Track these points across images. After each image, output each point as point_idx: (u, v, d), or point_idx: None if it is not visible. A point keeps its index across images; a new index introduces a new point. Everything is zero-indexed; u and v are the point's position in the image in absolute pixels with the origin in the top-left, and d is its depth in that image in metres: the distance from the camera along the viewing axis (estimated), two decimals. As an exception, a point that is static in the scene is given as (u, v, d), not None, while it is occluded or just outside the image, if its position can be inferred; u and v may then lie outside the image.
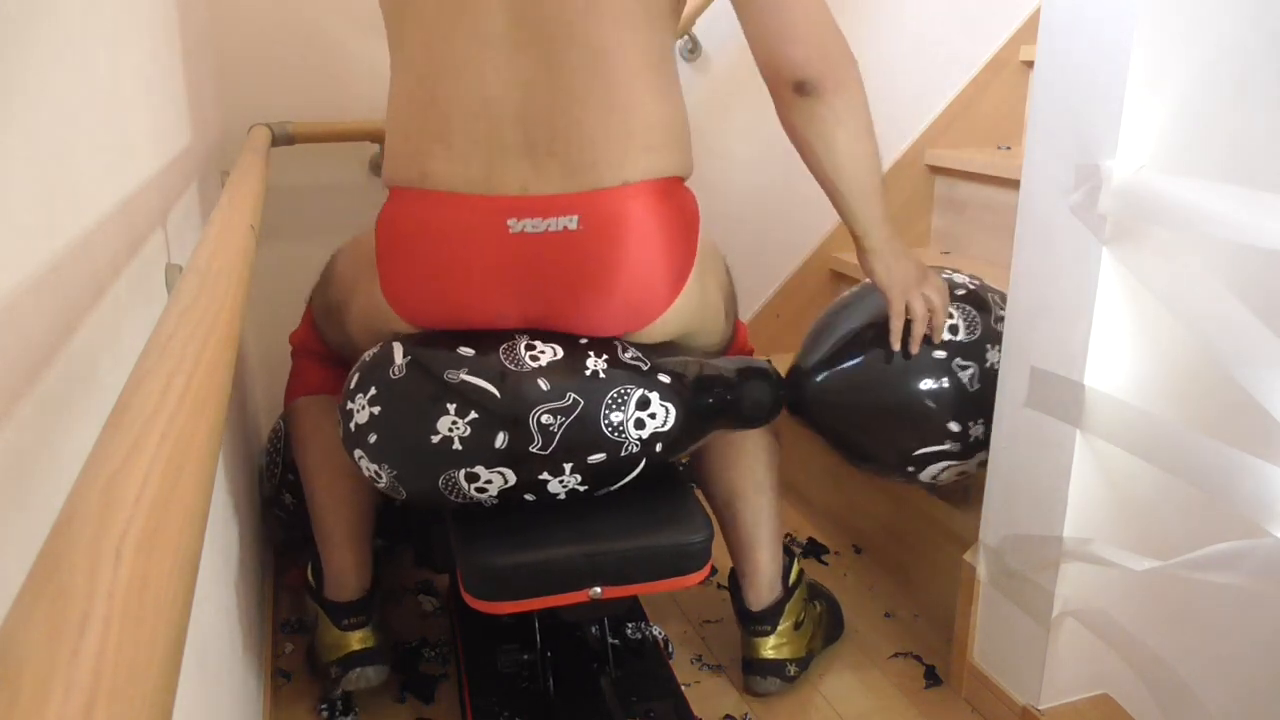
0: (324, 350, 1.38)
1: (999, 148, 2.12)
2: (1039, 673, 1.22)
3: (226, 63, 1.66)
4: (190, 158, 1.12)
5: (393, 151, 1.10)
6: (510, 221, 1.04)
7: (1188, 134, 1.02)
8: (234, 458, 1.25)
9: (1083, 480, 1.13)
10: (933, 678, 1.41)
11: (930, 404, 1.20)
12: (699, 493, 1.30)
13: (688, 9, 1.82)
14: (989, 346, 1.21)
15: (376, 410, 1.03)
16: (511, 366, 1.05)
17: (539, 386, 1.03)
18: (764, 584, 1.33)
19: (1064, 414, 1.11)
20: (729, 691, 1.38)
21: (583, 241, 1.04)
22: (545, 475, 1.04)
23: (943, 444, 1.22)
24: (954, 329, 1.21)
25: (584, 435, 1.03)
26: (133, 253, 0.67)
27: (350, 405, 1.06)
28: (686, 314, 1.15)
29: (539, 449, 1.02)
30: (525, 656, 1.19)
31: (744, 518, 1.33)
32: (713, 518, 1.19)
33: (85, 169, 0.56)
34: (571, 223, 1.04)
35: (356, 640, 1.30)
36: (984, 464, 1.25)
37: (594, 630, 1.26)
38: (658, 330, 1.13)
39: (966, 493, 1.51)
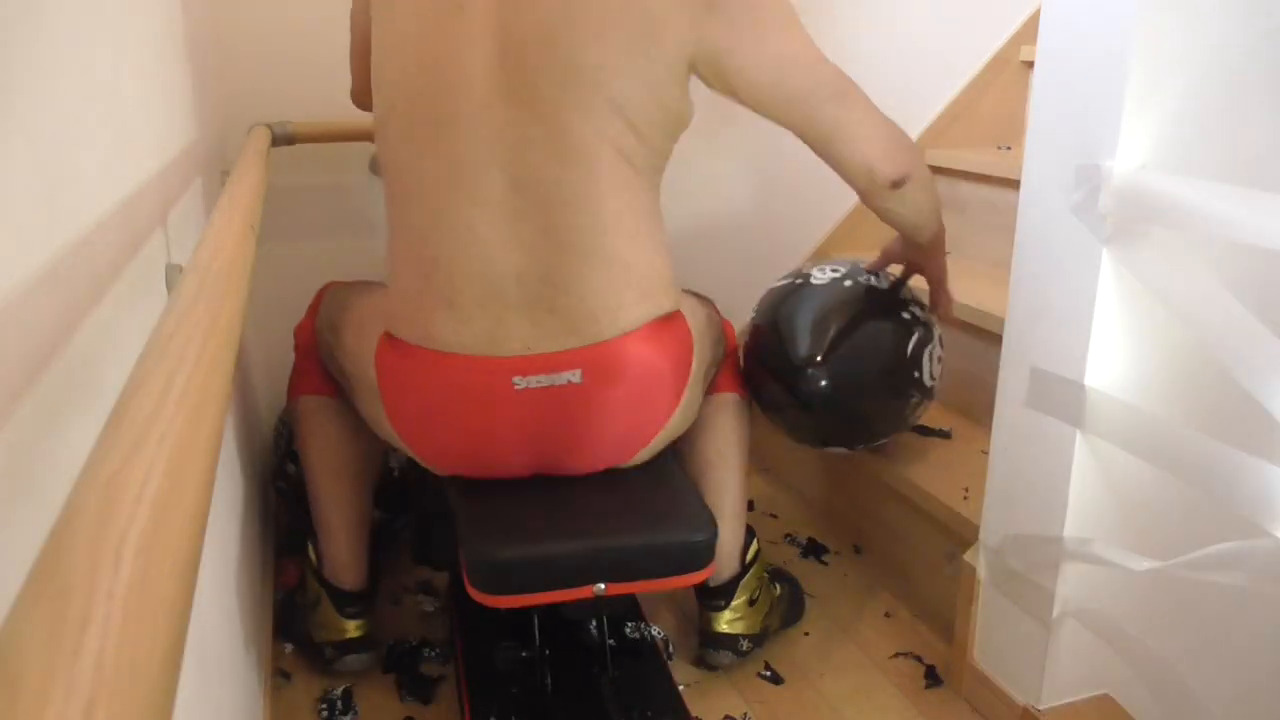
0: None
1: (999, 148, 2.12)
2: (1039, 673, 1.22)
3: (226, 63, 1.66)
4: (190, 157, 1.12)
5: (396, 308, 1.14)
6: (516, 379, 1.09)
7: (1187, 134, 1.02)
8: (234, 458, 1.25)
9: (1083, 480, 1.13)
10: (933, 678, 1.41)
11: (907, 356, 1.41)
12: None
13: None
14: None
15: None
16: None
17: None
18: (722, 558, 1.36)
19: (1064, 414, 1.11)
20: (729, 692, 1.38)
21: (586, 393, 1.10)
22: None
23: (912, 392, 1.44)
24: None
25: None
26: (133, 253, 0.67)
27: None
28: (686, 416, 1.22)
29: None
30: (524, 654, 1.19)
31: (707, 492, 1.36)
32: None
33: (85, 169, 0.56)
34: (575, 376, 1.09)
35: (354, 628, 1.37)
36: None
37: (593, 630, 1.26)
38: (663, 438, 1.21)
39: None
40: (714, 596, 1.37)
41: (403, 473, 1.69)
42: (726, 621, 1.37)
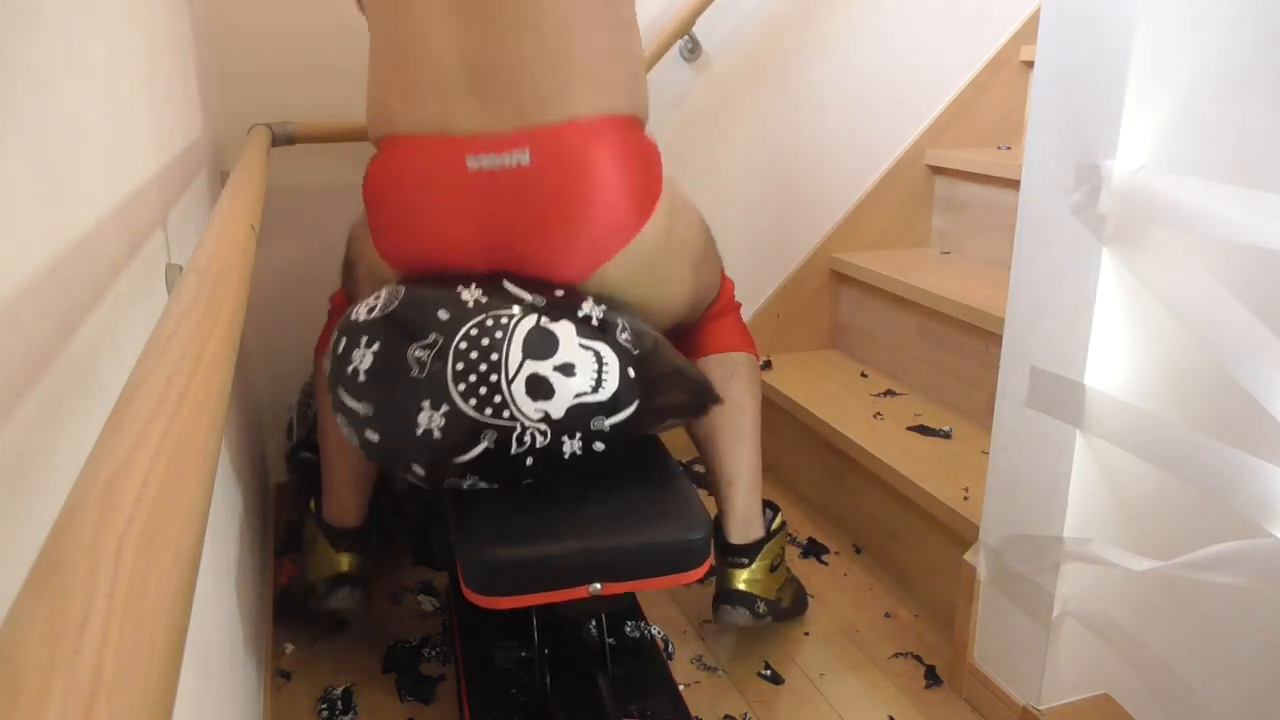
0: None
1: (999, 148, 2.12)
2: (1039, 673, 1.22)
3: (226, 63, 1.66)
4: (190, 158, 1.12)
5: (369, 111, 1.17)
6: (468, 158, 1.09)
7: (1188, 134, 1.02)
8: (234, 458, 1.25)
9: (1083, 480, 1.13)
10: (933, 678, 1.41)
11: None
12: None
13: (687, 9, 1.82)
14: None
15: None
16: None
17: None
18: (739, 521, 1.37)
19: (1064, 414, 1.11)
20: (729, 691, 1.38)
21: (536, 177, 1.09)
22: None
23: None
24: None
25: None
26: (133, 253, 0.67)
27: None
28: (653, 248, 1.16)
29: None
30: (523, 654, 1.20)
31: (721, 460, 1.38)
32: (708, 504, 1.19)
33: (85, 169, 0.56)
34: (524, 157, 1.09)
35: (347, 562, 1.38)
36: None
37: (593, 630, 1.26)
38: (624, 264, 1.14)
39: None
40: (737, 554, 1.37)
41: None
42: (745, 580, 1.37)
